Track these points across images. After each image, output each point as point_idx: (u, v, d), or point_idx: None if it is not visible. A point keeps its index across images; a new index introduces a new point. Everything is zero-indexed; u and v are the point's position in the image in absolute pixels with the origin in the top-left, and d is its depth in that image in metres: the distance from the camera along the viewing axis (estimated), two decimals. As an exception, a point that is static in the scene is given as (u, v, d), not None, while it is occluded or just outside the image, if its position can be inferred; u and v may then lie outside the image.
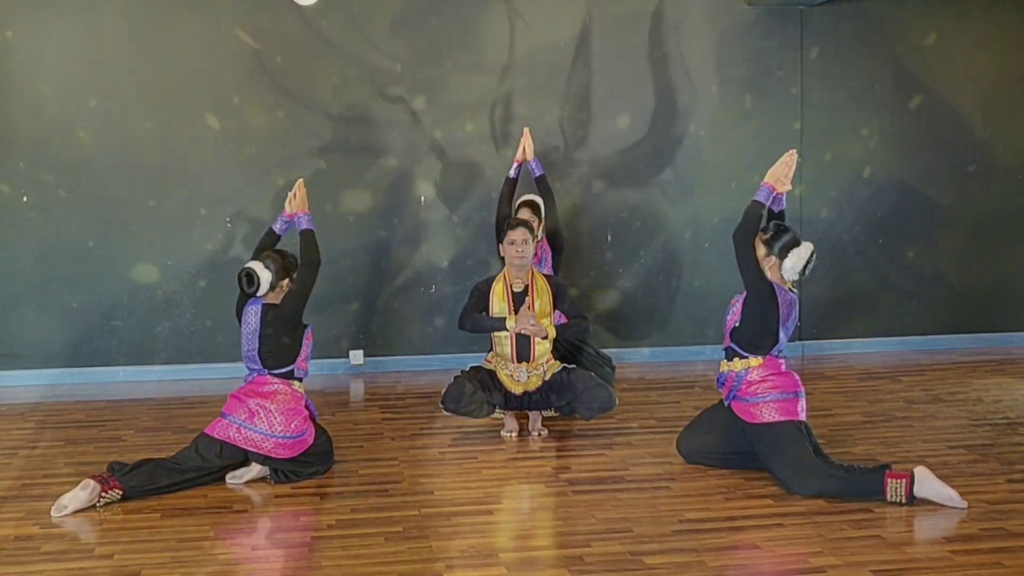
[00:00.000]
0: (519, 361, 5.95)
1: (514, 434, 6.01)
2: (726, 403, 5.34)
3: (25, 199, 7.52)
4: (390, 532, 4.51)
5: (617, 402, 6.04)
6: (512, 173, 7.01)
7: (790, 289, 5.25)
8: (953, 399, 6.85)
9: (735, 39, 8.10)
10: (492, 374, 6.00)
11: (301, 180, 5.56)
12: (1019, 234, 8.72)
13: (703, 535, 4.44)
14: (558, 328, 5.97)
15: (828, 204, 8.38)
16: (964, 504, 4.72)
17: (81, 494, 4.83)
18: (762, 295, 5.16)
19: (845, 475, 4.89)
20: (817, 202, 8.36)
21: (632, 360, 8.11)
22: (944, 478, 5.10)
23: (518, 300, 5.94)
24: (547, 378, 6.00)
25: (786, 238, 5.18)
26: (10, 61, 7.28)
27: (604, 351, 7.30)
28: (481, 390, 5.89)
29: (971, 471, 5.26)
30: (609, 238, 8.13)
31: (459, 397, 5.85)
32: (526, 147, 6.97)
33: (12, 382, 7.56)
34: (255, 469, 5.24)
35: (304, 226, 5.46)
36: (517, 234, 5.96)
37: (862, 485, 4.85)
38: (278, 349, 5.31)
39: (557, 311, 6.08)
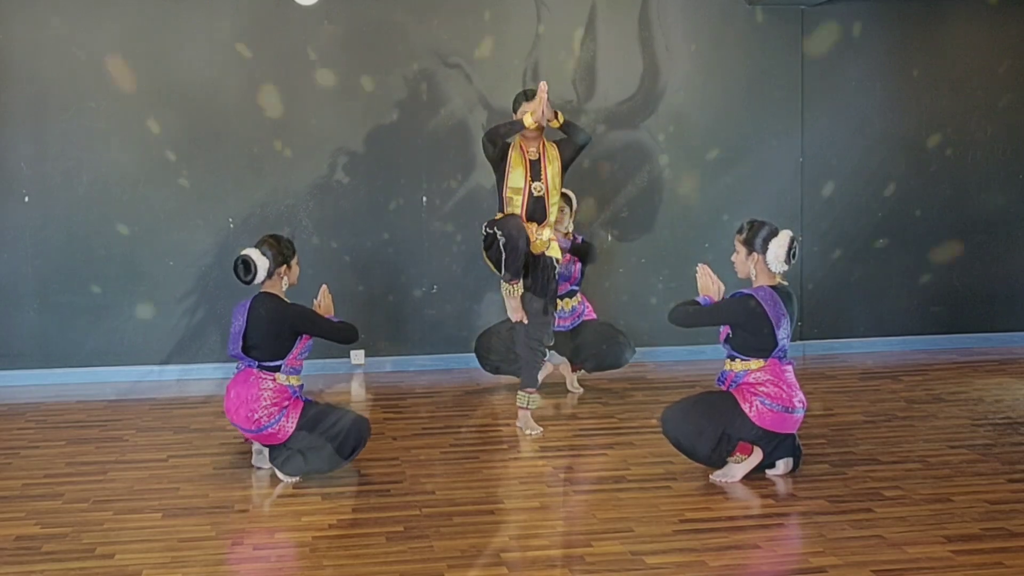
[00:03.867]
0: (529, 221, 5.99)
1: (534, 433, 6.03)
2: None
3: (27, 199, 7.53)
4: (391, 532, 4.51)
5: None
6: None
7: (778, 284, 5.14)
8: (954, 399, 6.85)
9: (731, 32, 8.26)
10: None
11: (325, 287, 5.66)
12: (1019, 234, 8.72)
13: (703, 535, 4.44)
14: (567, 124, 6.00)
15: (828, 204, 8.39)
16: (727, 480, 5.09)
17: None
18: (740, 323, 5.10)
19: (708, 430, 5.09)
20: (817, 202, 8.36)
21: (632, 360, 8.11)
22: (945, 477, 5.11)
23: (533, 168, 6.01)
24: (548, 251, 6.02)
25: (764, 232, 5.10)
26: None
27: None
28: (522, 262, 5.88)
29: (972, 471, 5.26)
30: (610, 238, 8.18)
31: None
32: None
33: (12, 382, 7.57)
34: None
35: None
36: (534, 104, 6.00)
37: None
38: (269, 342, 5.15)
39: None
